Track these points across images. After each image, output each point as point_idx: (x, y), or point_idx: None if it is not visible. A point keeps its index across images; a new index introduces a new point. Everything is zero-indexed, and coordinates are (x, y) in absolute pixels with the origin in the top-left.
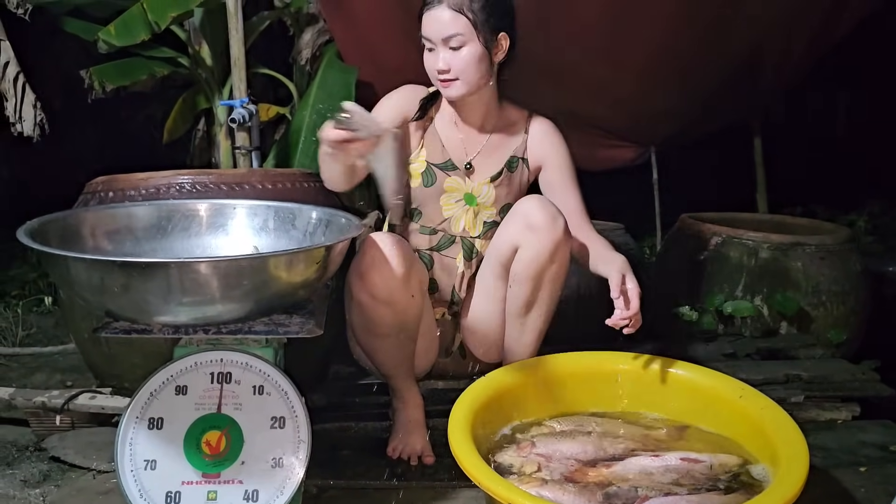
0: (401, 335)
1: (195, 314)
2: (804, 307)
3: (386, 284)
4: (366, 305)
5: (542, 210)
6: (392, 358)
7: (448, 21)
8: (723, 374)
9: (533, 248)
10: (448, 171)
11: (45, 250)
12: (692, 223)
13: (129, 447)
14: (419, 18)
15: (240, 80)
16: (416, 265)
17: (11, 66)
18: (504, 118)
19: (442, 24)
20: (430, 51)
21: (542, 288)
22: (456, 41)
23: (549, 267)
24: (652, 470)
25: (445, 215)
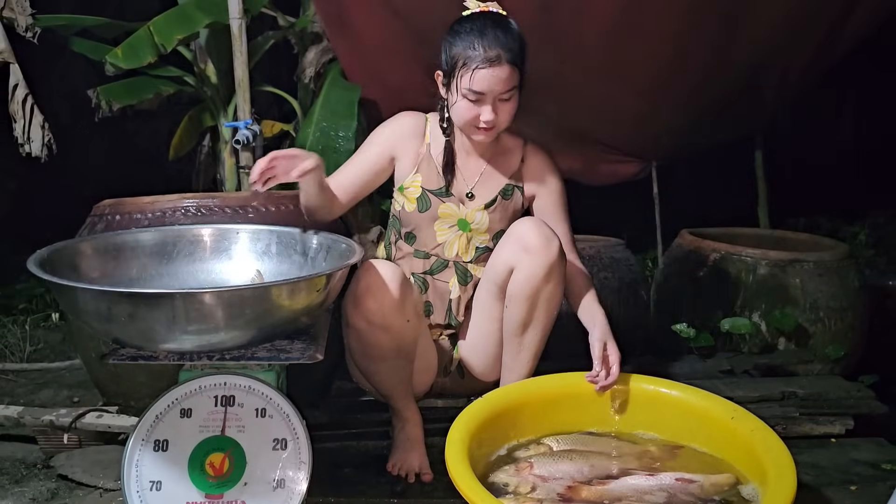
0: (398, 358)
1: (199, 342)
2: (802, 323)
3: (381, 310)
4: (362, 331)
5: (537, 231)
6: (389, 380)
7: (507, 77)
8: (715, 396)
9: (528, 268)
10: (443, 197)
11: (55, 281)
12: (692, 239)
13: (135, 468)
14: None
15: (244, 100)
16: (410, 290)
17: (20, 89)
18: (500, 146)
19: (502, 81)
20: (473, 102)
21: (537, 308)
22: (508, 95)
23: (545, 287)
24: (645, 489)
25: (439, 240)
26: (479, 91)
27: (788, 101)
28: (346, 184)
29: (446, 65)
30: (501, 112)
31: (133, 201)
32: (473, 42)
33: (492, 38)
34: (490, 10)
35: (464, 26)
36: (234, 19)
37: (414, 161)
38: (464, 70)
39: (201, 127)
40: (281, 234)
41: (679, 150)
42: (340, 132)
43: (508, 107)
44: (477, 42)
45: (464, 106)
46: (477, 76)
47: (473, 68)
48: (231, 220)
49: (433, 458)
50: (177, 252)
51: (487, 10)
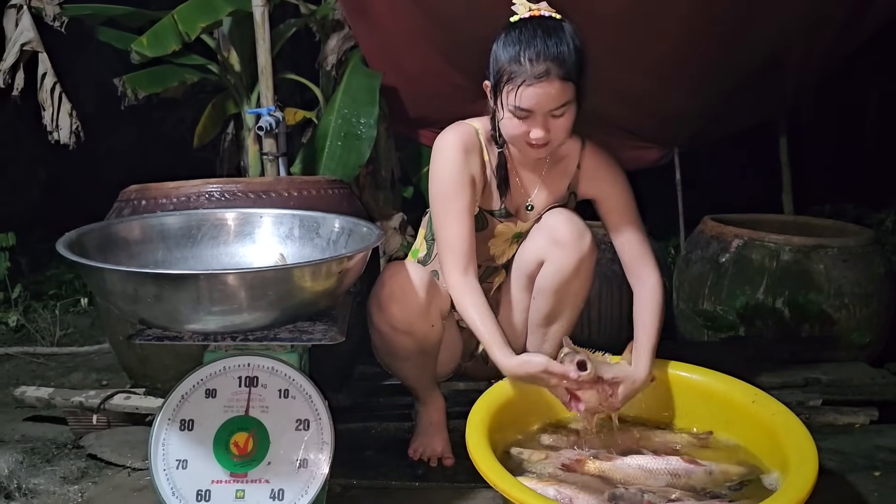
0: (421, 356)
1: (223, 322)
2: (826, 309)
3: (405, 316)
4: (386, 335)
5: (569, 225)
6: (413, 374)
7: (557, 94)
8: (736, 379)
9: (558, 262)
10: (502, 217)
11: (83, 262)
12: (714, 225)
13: (161, 447)
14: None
15: (267, 88)
16: (436, 294)
17: (49, 77)
18: (557, 153)
19: (551, 98)
20: (522, 119)
21: (565, 301)
22: (560, 111)
23: (573, 281)
24: (652, 469)
25: (492, 253)
26: (527, 109)
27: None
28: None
29: (493, 77)
30: (554, 129)
31: (158, 186)
32: (519, 55)
33: (540, 50)
34: (541, 15)
35: (510, 35)
36: (257, 7)
37: (478, 178)
38: (509, 86)
39: (225, 114)
40: (303, 217)
41: (701, 136)
42: (362, 119)
43: (561, 123)
44: (523, 55)
45: (512, 123)
46: (523, 93)
47: (519, 84)
48: (254, 204)
49: (454, 442)
50: (201, 235)
51: (538, 14)
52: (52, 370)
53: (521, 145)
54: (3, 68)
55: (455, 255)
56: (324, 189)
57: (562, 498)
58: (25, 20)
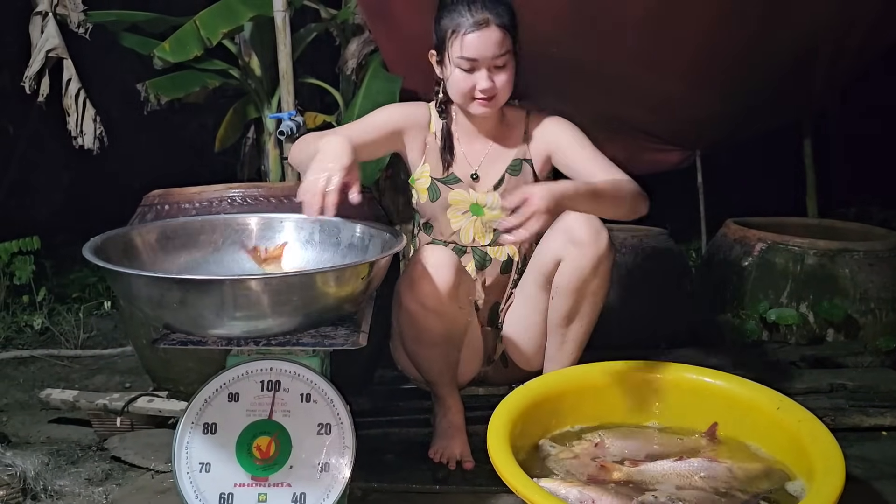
0: (447, 344)
1: (247, 327)
2: (852, 314)
3: (435, 294)
4: (415, 314)
5: (586, 224)
6: (437, 365)
7: (498, 42)
8: (761, 385)
9: (575, 261)
10: (451, 184)
11: (109, 267)
12: (737, 228)
13: (185, 450)
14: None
15: (288, 92)
16: (464, 278)
17: (73, 83)
18: (504, 123)
19: (493, 44)
20: (468, 71)
21: (583, 301)
22: (502, 60)
23: (592, 280)
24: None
25: (454, 227)
26: (471, 57)
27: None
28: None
29: (437, 40)
30: (498, 80)
31: (181, 191)
32: (461, 9)
33: (479, 4)
34: None
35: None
36: (278, 12)
37: (421, 151)
38: (454, 38)
39: (246, 119)
40: (324, 223)
41: (723, 139)
42: None
43: (504, 75)
44: (464, 8)
45: (459, 77)
46: (466, 42)
47: (462, 34)
48: (276, 209)
49: (474, 446)
50: (223, 241)
51: None
52: (75, 373)
53: (467, 103)
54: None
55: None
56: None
57: (584, 499)
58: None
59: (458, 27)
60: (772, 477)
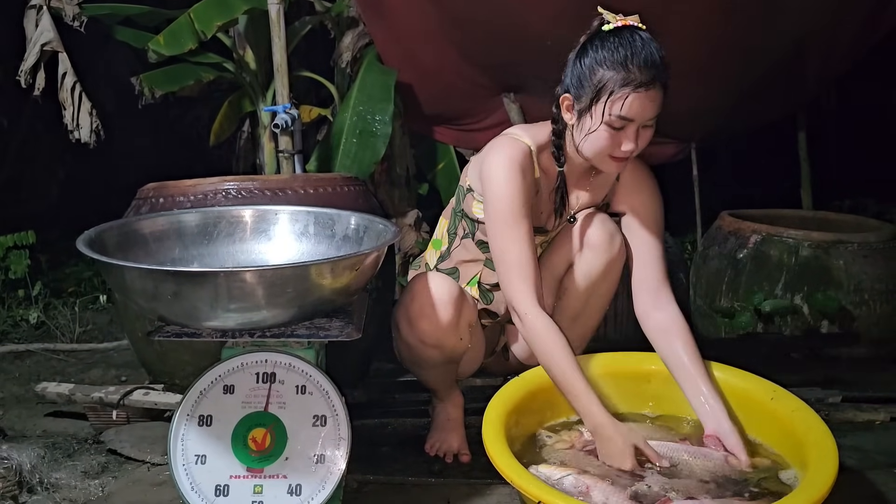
0: (447, 364)
1: (241, 319)
2: (846, 306)
3: (434, 332)
4: (414, 348)
5: (601, 228)
6: (437, 380)
7: (660, 100)
8: (755, 376)
9: (588, 264)
10: (540, 234)
11: (103, 260)
12: (732, 220)
13: (181, 443)
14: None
15: (283, 86)
16: (465, 308)
17: (69, 77)
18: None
19: (655, 105)
20: (617, 129)
21: (591, 302)
22: (653, 120)
23: (602, 283)
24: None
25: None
26: (629, 118)
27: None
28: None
29: (584, 88)
30: (642, 139)
31: (176, 184)
32: (627, 62)
33: (647, 57)
34: (633, 25)
35: (607, 44)
36: (273, 5)
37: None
38: (616, 94)
39: (241, 112)
40: (318, 214)
41: (719, 131)
42: (377, 116)
43: (649, 133)
44: (632, 62)
45: (605, 135)
46: (630, 102)
47: (628, 93)
48: (270, 201)
49: (471, 438)
50: (217, 233)
51: (628, 24)
52: (71, 366)
53: (602, 159)
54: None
55: (526, 283)
56: (339, 186)
57: (579, 485)
58: (45, 20)
59: (624, 83)
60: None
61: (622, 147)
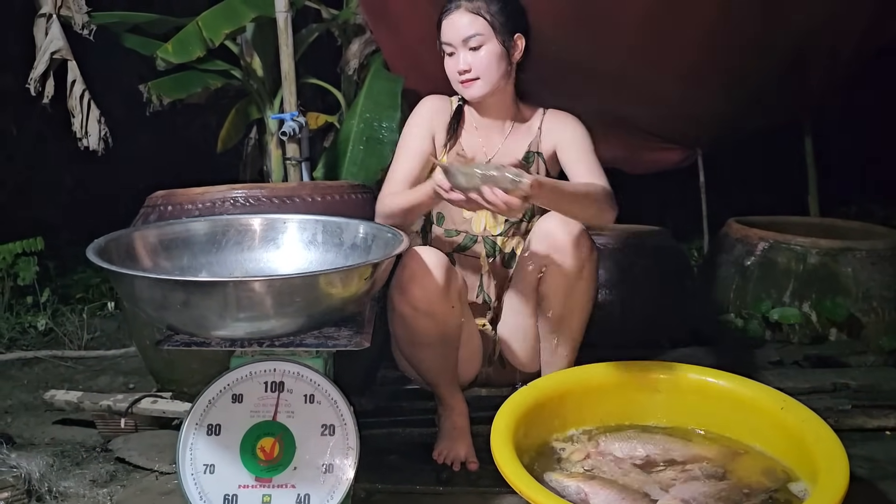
0: (443, 345)
1: (250, 329)
2: (854, 313)
3: (426, 296)
4: (408, 317)
5: (565, 230)
6: (435, 366)
7: (467, 23)
8: (764, 385)
9: (559, 268)
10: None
11: (113, 269)
12: (739, 227)
13: (189, 452)
14: (438, 28)
15: (290, 93)
16: (454, 276)
17: (78, 85)
18: (520, 118)
19: (461, 26)
20: (451, 55)
21: (572, 305)
22: (475, 41)
23: (577, 285)
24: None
25: (466, 216)
26: (447, 41)
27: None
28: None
29: None
30: (475, 62)
31: (184, 192)
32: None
33: None
34: None
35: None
36: (280, 13)
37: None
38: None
39: (248, 119)
40: (327, 223)
41: (725, 137)
42: (384, 123)
43: (481, 57)
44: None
45: (446, 64)
46: (442, 27)
47: (440, 21)
48: (278, 209)
49: (478, 447)
50: (226, 241)
51: None
52: (79, 373)
53: (458, 87)
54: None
55: (393, 183)
56: (347, 194)
57: (579, 493)
58: (55, 29)
59: (441, 13)
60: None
61: (457, 69)
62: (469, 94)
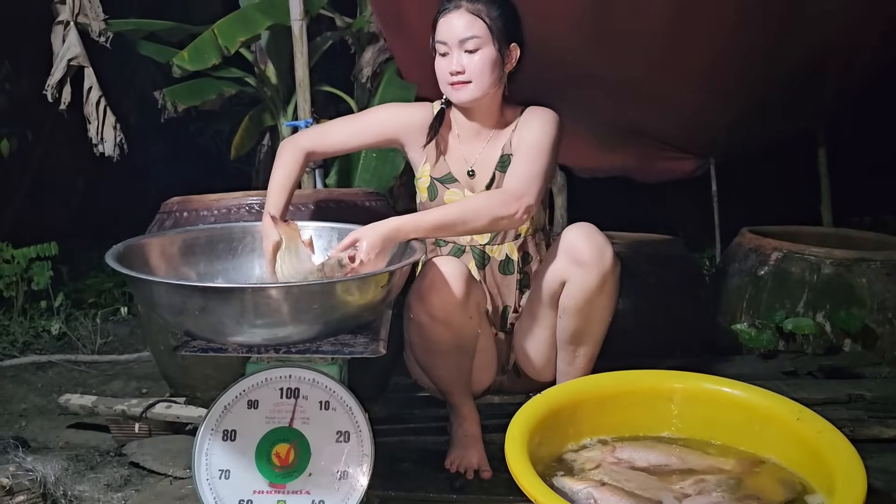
0: (458, 354)
1: (267, 335)
2: (869, 324)
3: (444, 306)
4: (425, 325)
5: (588, 242)
6: (449, 375)
7: (466, 24)
8: (780, 396)
9: (580, 282)
10: (447, 183)
11: (132, 275)
12: (753, 237)
13: (205, 457)
14: (433, 27)
15: (304, 100)
16: (474, 288)
17: (94, 92)
18: (502, 122)
19: (459, 26)
20: (444, 55)
21: (591, 319)
22: (472, 44)
23: (598, 299)
24: None
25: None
26: (442, 40)
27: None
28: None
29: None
30: (470, 65)
31: (199, 199)
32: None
33: None
34: None
35: None
36: (295, 21)
37: (423, 151)
38: (435, 26)
39: (261, 126)
40: (342, 230)
41: (738, 147)
42: None
43: (476, 60)
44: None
45: (439, 64)
46: (438, 26)
47: (438, 19)
48: (293, 216)
49: (492, 455)
50: (242, 248)
51: None
52: (93, 378)
53: (447, 90)
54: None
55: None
56: (361, 201)
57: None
58: (72, 36)
59: (438, 13)
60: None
61: (449, 70)
62: (458, 97)
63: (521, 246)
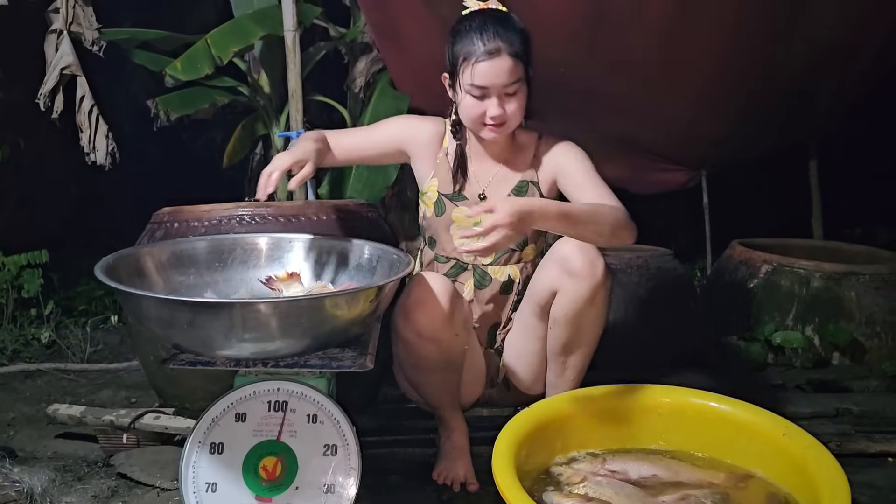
0: (446, 370)
1: (256, 349)
2: (857, 338)
3: (430, 323)
4: (411, 343)
5: (581, 254)
6: (437, 390)
7: (510, 71)
8: (766, 411)
9: (572, 293)
10: (456, 201)
11: (121, 288)
12: (743, 250)
13: (192, 470)
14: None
15: (297, 111)
16: (460, 303)
17: (86, 100)
18: (515, 145)
19: (504, 73)
20: (479, 98)
21: (582, 330)
22: (513, 88)
23: (589, 310)
24: None
25: (456, 244)
26: (482, 85)
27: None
28: (347, 147)
29: (450, 65)
30: (508, 107)
31: (191, 209)
32: (473, 37)
33: (492, 33)
34: (490, 8)
35: (464, 24)
36: (289, 31)
37: (431, 165)
38: (465, 65)
39: (254, 136)
40: (333, 244)
41: (730, 159)
42: None
43: (514, 102)
44: (476, 37)
45: (469, 103)
46: (478, 70)
47: (474, 62)
48: (284, 228)
49: (479, 468)
50: (232, 259)
51: (487, 7)
52: (82, 387)
53: (477, 127)
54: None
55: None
56: (352, 213)
57: None
58: (65, 45)
59: (470, 55)
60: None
61: (489, 114)
62: (491, 136)
63: (523, 269)
